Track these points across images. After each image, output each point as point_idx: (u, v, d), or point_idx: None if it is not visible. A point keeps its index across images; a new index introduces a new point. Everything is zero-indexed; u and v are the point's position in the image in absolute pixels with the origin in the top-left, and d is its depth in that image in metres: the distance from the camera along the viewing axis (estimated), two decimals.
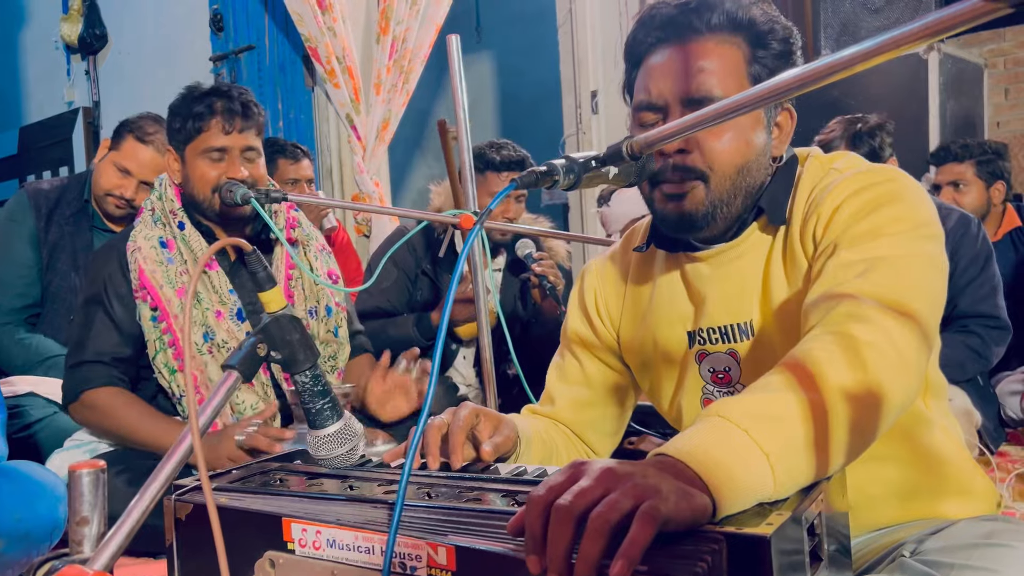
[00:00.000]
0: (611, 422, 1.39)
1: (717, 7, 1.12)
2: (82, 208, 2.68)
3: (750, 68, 1.11)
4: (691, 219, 1.13)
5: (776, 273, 1.13)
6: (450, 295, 0.86)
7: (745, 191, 1.13)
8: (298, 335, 0.99)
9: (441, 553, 0.77)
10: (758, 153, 1.12)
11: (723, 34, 1.11)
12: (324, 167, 4.24)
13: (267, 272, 0.99)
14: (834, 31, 3.69)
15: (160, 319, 1.95)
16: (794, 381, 0.86)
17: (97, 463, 0.87)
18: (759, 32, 1.12)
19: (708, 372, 1.20)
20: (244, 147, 1.98)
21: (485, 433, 1.12)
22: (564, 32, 3.87)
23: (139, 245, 1.99)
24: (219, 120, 1.94)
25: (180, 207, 2.03)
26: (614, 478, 0.72)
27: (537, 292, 2.67)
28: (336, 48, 3.93)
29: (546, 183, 0.95)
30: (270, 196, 1.93)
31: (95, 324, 1.97)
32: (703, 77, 1.10)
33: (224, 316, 1.97)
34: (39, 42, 5.60)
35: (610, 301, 1.35)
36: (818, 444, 0.82)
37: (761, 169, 1.14)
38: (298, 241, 2.15)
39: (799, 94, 0.79)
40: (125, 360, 1.97)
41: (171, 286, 1.96)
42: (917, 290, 0.97)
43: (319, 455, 1.03)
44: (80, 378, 1.95)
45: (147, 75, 4.92)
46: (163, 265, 1.97)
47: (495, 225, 2.50)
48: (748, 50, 1.11)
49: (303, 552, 0.85)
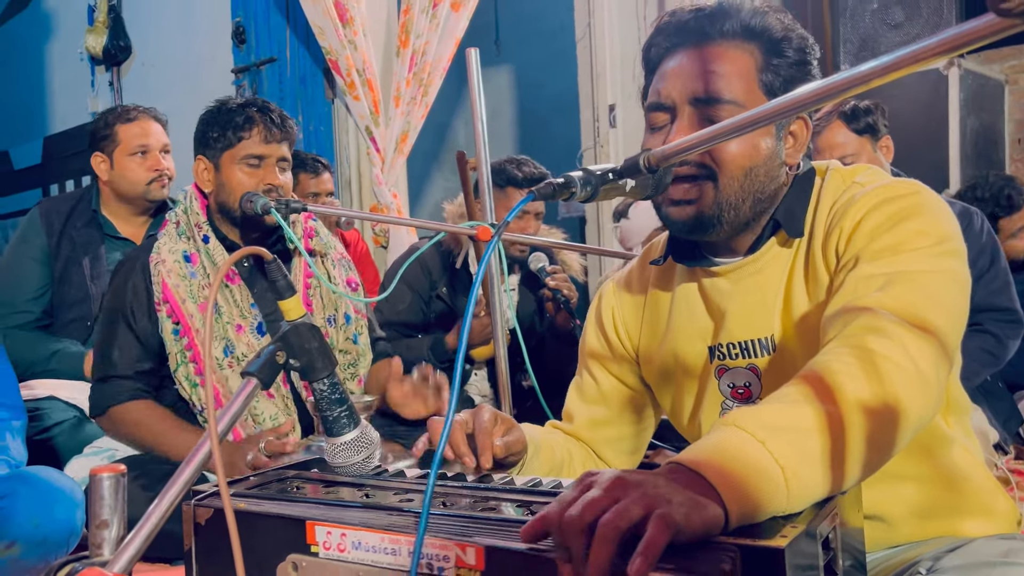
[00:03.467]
0: (629, 441, 1.38)
1: (732, 14, 1.13)
2: (92, 219, 2.72)
3: (762, 75, 1.12)
4: (699, 220, 1.13)
5: (797, 287, 1.13)
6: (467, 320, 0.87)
7: (754, 196, 1.13)
8: (316, 343, 1.00)
9: (470, 553, 0.77)
10: (766, 158, 1.12)
11: (736, 40, 1.12)
12: (343, 178, 4.27)
13: (287, 280, 1.00)
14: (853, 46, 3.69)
15: (182, 333, 1.98)
16: (811, 393, 0.86)
17: (118, 467, 0.88)
18: (773, 40, 1.12)
19: (728, 387, 1.20)
20: (279, 157, 2.03)
21: (498, 433, 1.14)
22: (583, 46, 3.89)
23: (163, 258, 2.02)
24: (261, 129, 2.00)
25: (205, 220, 2.06)
26: (624, 487, 0.72)
27: (551, 305, 2.67)
28: (356, 61, 3.97)
29: (563, 195, 0.96)
30: (290, 207, 1.95)
31: (118, 337, 2.00)
32: (712, 79, 1.11)
33: (245, 330, 1.99)
34: (64, 54, 5.68)
35: (628, 317, 1.35)
36: (834, 458, 0.82)
37: (771, 175, 1.13)
38: (316, 251, 2.17)
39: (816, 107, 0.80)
40: (148, 372, 2.01)
41: (193, 300, 1.99)
42: (938, 305, 0.96)
43: (335, 462, 1.04)
44: (107, 393, 1.99)
45: (170, 86, 4.98)
46: (186, 279, 2.00)
47: (513, 238, 2.51)
48: (761, 57, 1.12)
49: (327, 555, 0.86)
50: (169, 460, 1.90)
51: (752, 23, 1.13)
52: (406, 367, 2.31)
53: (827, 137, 2.65)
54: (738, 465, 0.77)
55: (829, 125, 2.66)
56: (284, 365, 0.98)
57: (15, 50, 6.00)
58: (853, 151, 2.62)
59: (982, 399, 2.54)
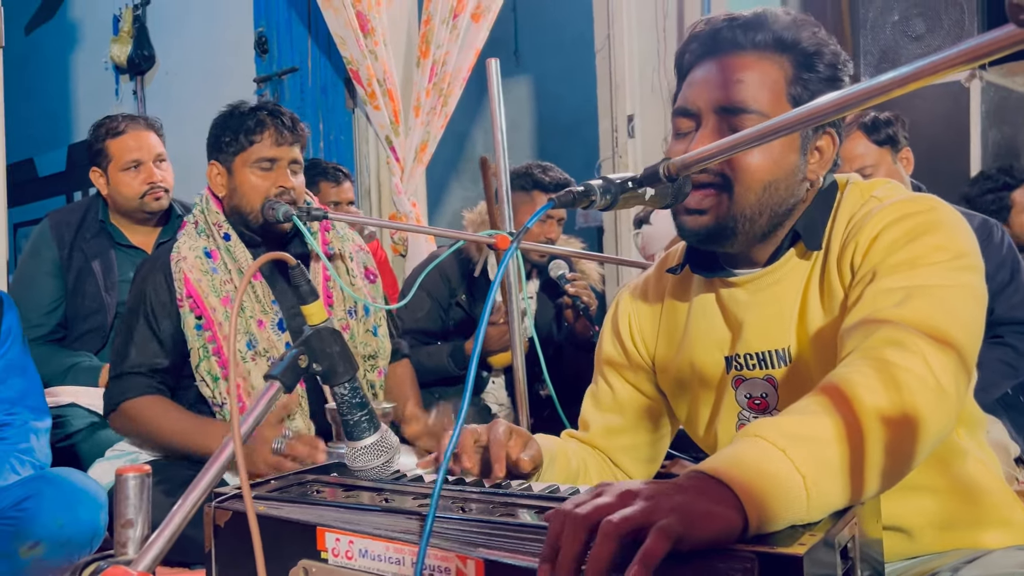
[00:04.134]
0: (645, 449, 1.38)
1: (765, 25, 1.13)
2: (101, 229, 2.73)
3: (791, 88, 1.11)
4: (712, 230, 1.13)
5: (813, 300, 1.13)
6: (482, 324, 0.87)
7: (771, 210, 1.12)
8: (338, 347, 1.01)
9: (470, 566, 0.78)
10: (788, 173, 1.12)
11: (767, 51, 1.12)
12: (363, 187, 4.30)
13: (310, 286, 1.01)
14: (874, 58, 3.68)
15: (205, 327, 1.99)
16: (830, 404, 0.86)
17: (143, 467, 0.90)
18: (806, 54, 1.12)
19: (745, 398, 1.20)
20: (291, 160, 2.05)
21: (516, 449, 1.14)
22: (602, 57, 3.90)
23: (184, 255, 2.04)
24: (272, 132, 2.02)
25: (225, 219, 2.08)
26: (633, 495, 0.73)
27: (570, 312, 2.68)
28: (377, 71, 4.00)
29: (583, 203, 0.97)
30: (312, 214, 1.97)
31: (135, 335, 2.02)
32: (739, 87, 1.11)
33: (266, 325, 2.01)
34: (89, 63, 5.76)
35: (644, 325, 1.35)
36: (853, 468, 0.82)
37: (792, 190, 1.13)
38: (335, 251, 2.19)
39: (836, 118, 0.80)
40: (164, 371, 2.01)
41: (216, 295, 2.01)
42: (956, 319, 0.96)
43: (355, 466, 1.05)
44: (120, 388, 2.00)
45: (192, 95, 5.03)
46: (208, 275, 2.02)
47: (532, 246, 2.51)
48: (791, 70, 1.12)
49: (335, 561, 0.87)
50: (192, 464, 1.91)
51: (785, 35, 1.13)
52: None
53: (847, 148, 2.65)
54: (758, 473, 0.77)
55: (849, 136, 2.65)
56: (307, 369, 0.99)
57: (41, 59, 6.09)
58: (873, 162, 2.62)
59: (1002, 412, 2.52)
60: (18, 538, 1.66)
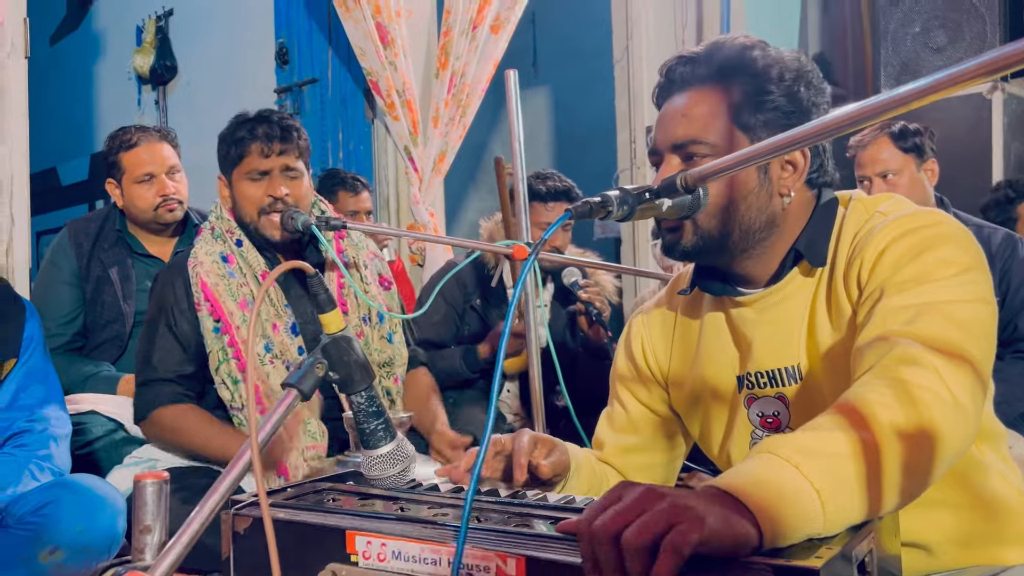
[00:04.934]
0: (660, 469, 1.39)
1: (710, 58, 1.17)
2: (119, 238, 2.74)
3: (737, 114, 1.14)
4: (689, 250, 1.17)
5: (821, 317, 1.13)
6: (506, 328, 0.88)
7: (743, 228, 1.15)
8: (355, 356, 1.02)
9: (511, 564, 0.78)
10: (748, 192, 1.14)
11: (708, 84, 1.16)
12: (381, 197, 4.32)
13: (328, 295, 1.02)
14: (894, 70, 3.67)
15: (223, 331, 2.01)
16: (845, 421, 0.86)
17: (161, 474, 0.91)
18: (751, 76, 1.15)
19: (757, 416, 1.20)
20: (283, 167, 2.04)
21: (540, 456, 1.16)
22: (620, 68, 3.91)
23: (200, 260, 2.06)
24: (259, 144, 2.02)
25: (236, 225, 2.11)
26: (651, 499, 0.73)
27: (583, 320, 2.67)
28: (396, 82, 4.02)
29: (600, 214, 0.97)
30: (330, 224, 1.98)
31: (159, 341, 2.04)
32: (684, 123, 1.16)
33: (280, 329, 2.03)
34: (112, 73, 5.83)
35: (657, 344, 1.36)
36: (870, 483, 0.82)
37: (760, 206, 1.15)
38: (350, 259, 2.20)
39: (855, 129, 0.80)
40: (190, 376, 2.04)
41: (233, 298, 2.03)
42: (968, 335, 0.96)
43: (371, 475, 1.05)
44: (149, 397, 2.02)
45: (213, 105, 5.07)
46: (224, 278, 2.04)
47: (545, 256, 2.52)
48: (738, 97, 1.15)
49: (367, 564, 0.87)
50: (209, 472, 1.93)
51: (725, 65, 1.16)
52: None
53: (871, 152, 2.64)
54: (773, 487, 0.77)
55: (875, 140, 2.64)
56: (324, 377, 1.00)
57: (66, 69, 6.18)
58: (896, 168, 2.60)
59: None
60: (38, 543, 1.68)
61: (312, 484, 1.10)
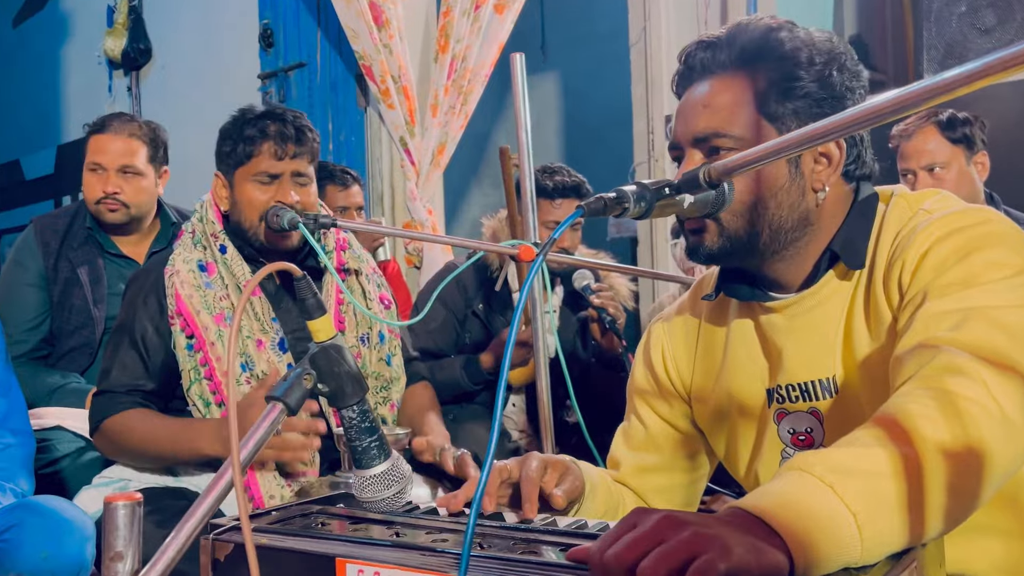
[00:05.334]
0: (680, 491, 1.39)
1: (732, 42, 1.18)
2: (89, 236, 2.74)
3: (763, 103, 1.15)
4: (709, 255, 1.17)
5: (858, 324, 1.13)
6: (511, 335, 0.88)
7: (770, 226, 1.15)
8: (346, 367, 1.02)
9: None
10: (777, 188, 1.15)
11: (731, 70, 1.17)
12: (375, 193, 4.33)
13: (317, 299, 1.02)
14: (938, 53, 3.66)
15: (196, 347, 2.01)
16: (885, 436, 0.86)
17: (133, 495, 0.91)
18: (778, 61, 1.15)
19: (788, 433, 1.20)
20: (295, 172, 2.05)
21: (551, 483, 1.15)
22: (637, 51, 3.91)
23: (177, 268, 2.06)
24: (271, 144, 2.02)
25: (222, 230, 2.09)
26: (671, 527, 0.73)
27: (596, 327, 2.67)
28: (392, 67, 4.03)
29: (614, 211, 0.97)
30: (319, 222, 1.98)
31: (120, 353, 2.04)
32: (706, 115, 1.16)
33: (265, 346, 2.02)
34: (81, 57, 5.85)
35: (679, 355, 1.36)
36: (912, 505, 0.82)
37: (792, 203, 1.16)
38: (350, 267, 2.20)
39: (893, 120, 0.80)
40: (149, 393, 2.04)
41: (209, 312, 2.02)
42: (1018, 343, 0.96)
43: (364, 497, 1.05)
44: (101, 406, 2.03)
45: (191, 92, 5.09)
46: (201, 290, 2.03)
47: (558, 258, 2.52)
48: (763, 84, 1.15)
49: None
50: (186, 494, 1.93)
51: (749, 48, 1.17)
52: (439, 389, 2.33)
53: (917, 143, 2.63)
54: (805, 510, 0.77)
55: (921, 130, 2.63)
56: (312, 390, 1.00)
57: (30, 53, 6.20)
58: (944, 160, 2.60)
59: None
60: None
61: (299, 507, 1.10)
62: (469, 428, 2.66)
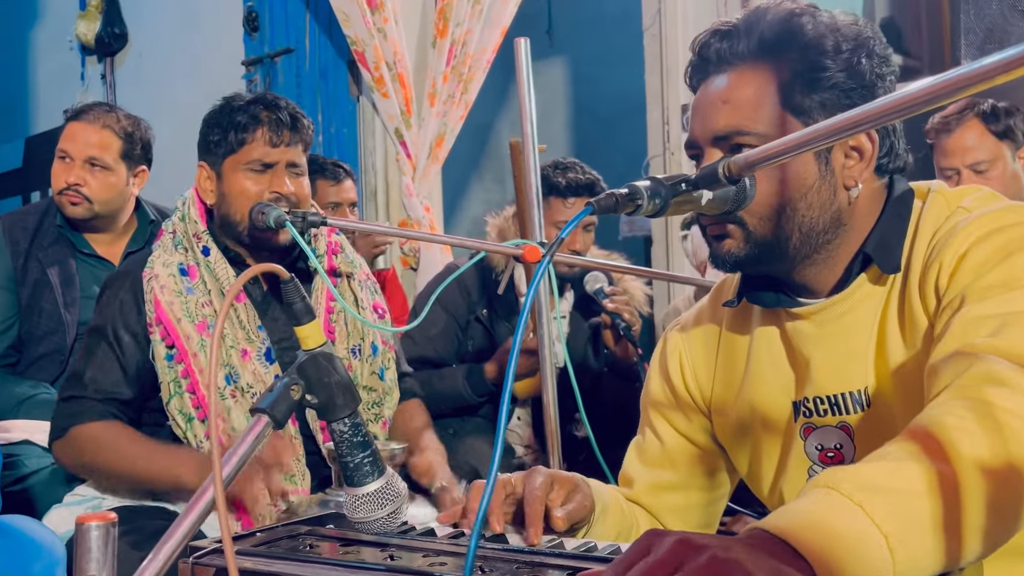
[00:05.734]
0: (698, 511, 1.39)
1: (750, 30, 1.17)
2: (60, 235, 2.74)
3: (788, 96, 1.14)
4: (735, 262, 1.17)
5: (892, 332, 1.13)
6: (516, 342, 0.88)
7: (800, 229, 1.15)
8: (337, 376, 1.02)
9: None
10: (808, 187, 1.15)
11: (752, 61, 1.16)
12: (368, 188, 4.33)
13: (305, 303, 1.03)
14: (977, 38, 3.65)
15: (177, 359, 2.00)
16: (918, 450, 0.86)
17: (107, 515, 0.91)
18: (802, 50, 1.15)
19: (816, 450, 1.20)
20: (289, 162, 2.05)
21: (557, 501, 1.15)
22: (651, 35, 3.91)
23: (156, 272, 2.05)
24: (266, 131, 2.02)
25: (205, 230, 2.09)
26: (688, 551, 0.73)
27: (609, 334, 2.66)
28: (386, 52, 4.04)
29: (627, 208, 0.98)
30: (308, 220, 1.98)
31: (96, 357, 2.02)
32: (727, 110, 1.16)
33: (251, 356, 2.02)
34: (52, 42, 5.86)
35: (698, 364, 1.36)
36: (948, 526, 0.82)
37: (823, 203, 1.15)
38: (341, 271, 2.20)
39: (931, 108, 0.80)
40: (124, 402, 2.02)
41: (190, 320, 2.01)
42: None
43: (356, 517, 1.05)
44: (70, 412, 2.00)
45: (170, 79, 5.10)
46: (182, 296, 2.03)
47: (565, 259, 2.52)
48: (787, 75, 1.15)
49: None
50: (164, 513, 1.93)
51: (769, 37, 1.16)
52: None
53: (958, 138, 2.62)
54: (832, 530, 0.77)
55: (962, 124, 2.62)
56: (300, 401, 1.00)
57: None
58: (988, 156, 2.59)
59: None
60: None
61: (286, 528, 1.10)
62: (471, 443, 2.66)
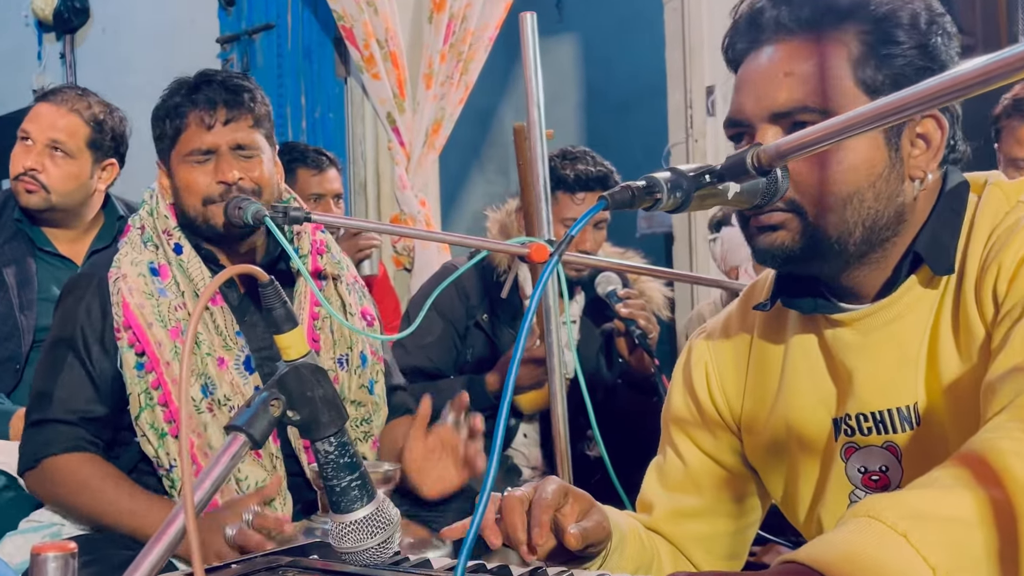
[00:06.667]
0: (725, 540, 1.39)
1: None
2: (18, 231, 2.75)
3: (859, 70, 1.13)
4: (793, 252, 1.15)
5: (945, 342, 1.13)
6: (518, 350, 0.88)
7: (866, 224, 1.14)
8: (322, 390, 1.02)
9: None
10: (876, 176, 1.14)
11: (820, 30, 1.15)
12: (356, 180, 4.33)
13: (286, 309, 1.02)
14: None
15: (148, 368, 2.00)
16: (970, 477, 0.86)
17: (66, 545, 0.91)
18: (875, 21, 1.14)
19: (858, 472, 1.20)
20: (234, 144, 2.02)
21: (571, 517, 1.15)
22: (672, 10, 3.91)
23: (124, 272, 2.05)
24: (197, 113, 2.01)
25: (176, 225, 2.09)
26: None
27: (623, 342, 2.66)
28: (377, 29, 4.04)
29: (645, 202, 0.97)
30: (289, 215, 1.98)
31: (63, 373, 2.03)
32: (790, 84, 1.14)
33: (228, 365, 2.02)
34: (5, 17, 5.87)
35: (726, 376, 1.36)
36: (1003, 559, 0.82)
37: (890, 196, 1.15)
38: (327, 273, 2.20)
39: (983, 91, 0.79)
40: (98, 420, 2.03)
41: (163, 325, 2.01)
42: None
43: (343, 547, 1.05)
44: (41, 440, 2.01)
45: (137, 59, 5.11)
46: (152, 298, 2.03)
47: (575, 258, 2.52)
48: (858, 47, 1.14)
49: None
50: (130, 542, 1.93)
51: (840, 4, 1.15)
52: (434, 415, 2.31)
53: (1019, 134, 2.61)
54: (872, 564, 0.78)
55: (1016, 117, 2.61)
56: (280, 418, 1.00)
57: None
58: None
59: None
60: None
61: (265, 559, 1.10)
62: None
